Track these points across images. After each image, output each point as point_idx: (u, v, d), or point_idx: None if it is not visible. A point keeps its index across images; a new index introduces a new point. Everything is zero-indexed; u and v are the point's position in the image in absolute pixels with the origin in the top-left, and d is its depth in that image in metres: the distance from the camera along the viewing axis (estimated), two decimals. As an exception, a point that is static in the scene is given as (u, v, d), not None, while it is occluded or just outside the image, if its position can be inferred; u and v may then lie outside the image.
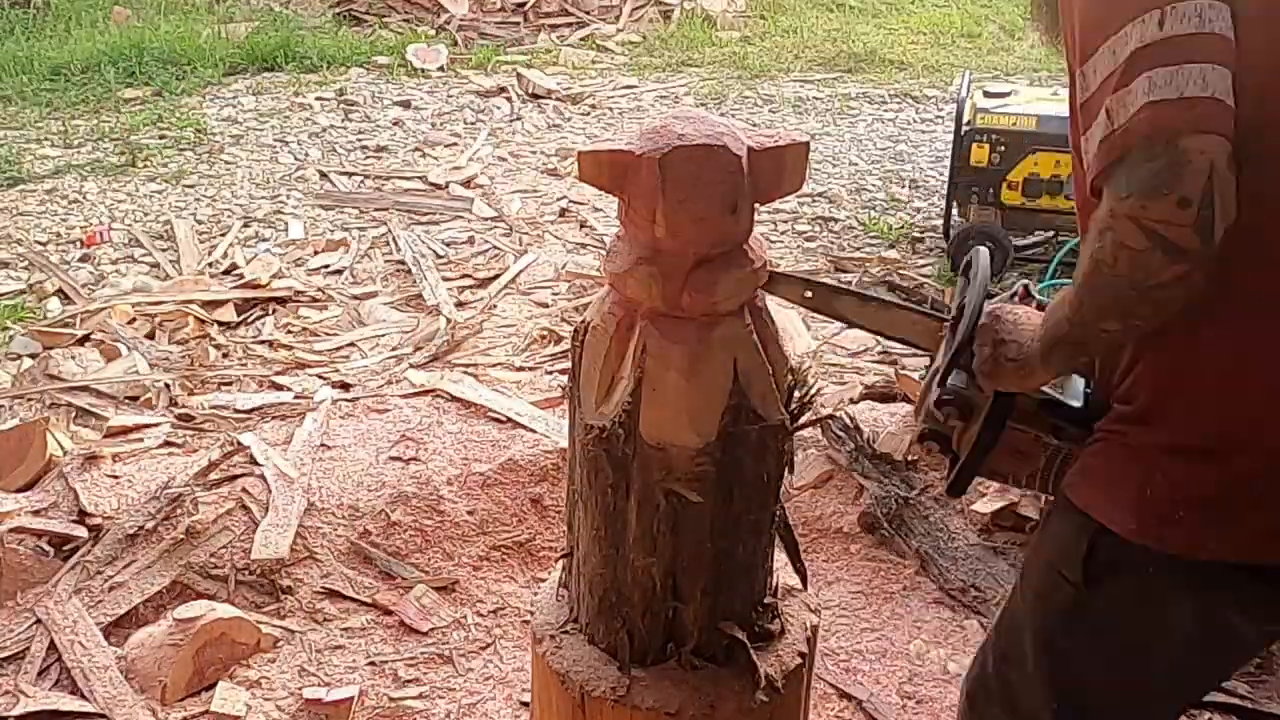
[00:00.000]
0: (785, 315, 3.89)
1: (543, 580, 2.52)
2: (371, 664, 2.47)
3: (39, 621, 2.48)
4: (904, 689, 2.41)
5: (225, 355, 3.73)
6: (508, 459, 2.89)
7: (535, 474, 2.88)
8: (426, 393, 3.21)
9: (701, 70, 6.74)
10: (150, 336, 3.83)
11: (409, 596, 2.60)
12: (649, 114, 5.97)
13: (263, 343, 3.83)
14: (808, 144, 1.44)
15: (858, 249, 4.67)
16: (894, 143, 5.73)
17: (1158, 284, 1.16)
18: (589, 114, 6.04)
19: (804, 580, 1.73)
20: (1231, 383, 1.28)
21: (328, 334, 3.91)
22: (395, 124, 5.81)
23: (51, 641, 2.44)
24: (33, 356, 3.71)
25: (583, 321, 1.59)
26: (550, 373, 3.51)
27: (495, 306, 4.09)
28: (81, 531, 2.66)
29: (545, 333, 3.86)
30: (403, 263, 4.42)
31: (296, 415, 3.11)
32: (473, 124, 5.84)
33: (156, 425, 3.17)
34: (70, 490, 2.76)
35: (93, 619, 2.47)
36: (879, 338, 1.99)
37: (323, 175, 5.24)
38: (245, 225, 4.73)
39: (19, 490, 2.83)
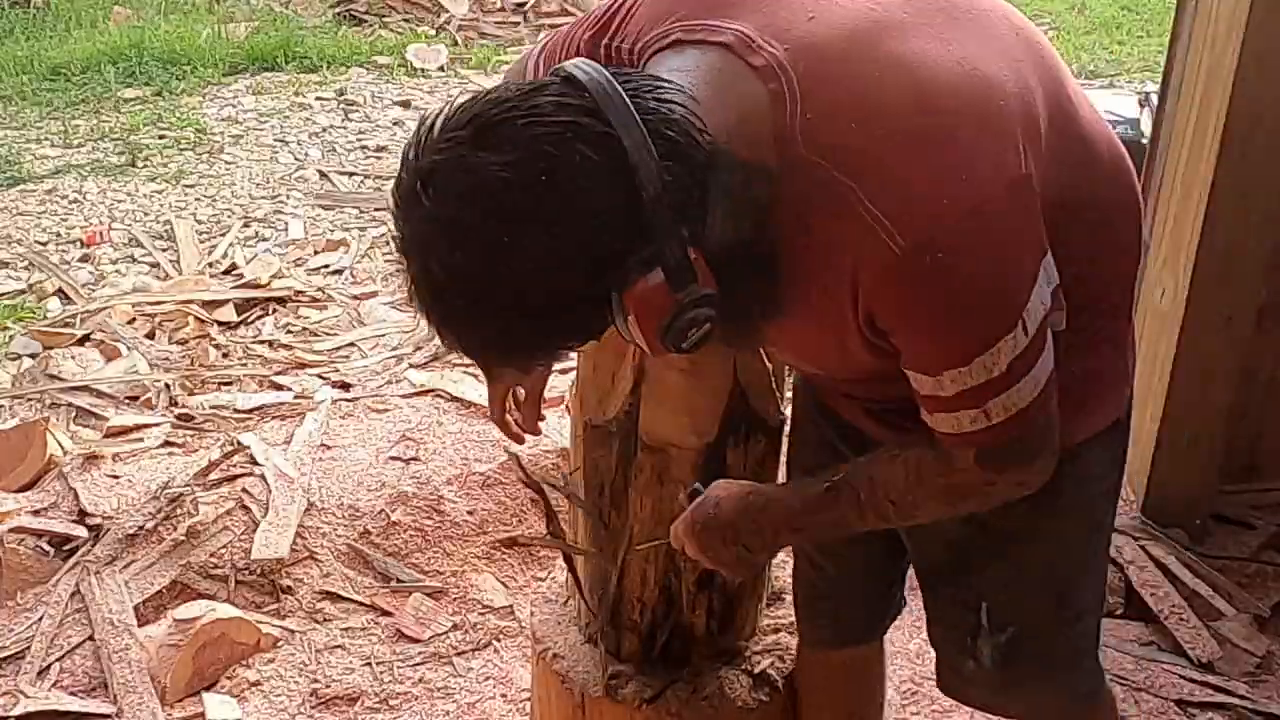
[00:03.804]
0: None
1: (542, 580, 2.52)
2: (371, 664, 2.47)
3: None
4: (904, 689, 2.41)
5: (225, 355, 3.73)
6: (508, 459, 2.88)
7: (535, 474, 2.87)
8: (426, 393, 3.21)
9: (701, 70, 6.74)
10: (150, 336, 3.83)
11: (407, 606, 2.59)
12: (649, 114, 5.97)
13: (263, 343, 3.82)
14: (807, 144, 1.44)
15: (858, 249, 4.67)
16: (894, 143, 5.73)
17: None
18: (589, 114, 6.04)
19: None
20: None
21: (328, 334, 3.91)
22: (395, 124, 5.81)
23: (54, 638, 2.44)
24: (33, 356, 3.71)
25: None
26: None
27: (495, 306, 4.09)
28: (81, 531, 2.66)
29: (545, 333, 3.86)
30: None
31: (296, 415, 3.11)
32: (473, 124, 5.84)
33: (156, 425, 3.17)
34: (70, 490, 2.76)
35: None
36: None
37: (323, 175, 5.24)
38: (245, 225, 4.73)
39: (19, 490, 2.83)
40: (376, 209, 4.87)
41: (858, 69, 1.15)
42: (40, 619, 2.48)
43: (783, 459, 1.67)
